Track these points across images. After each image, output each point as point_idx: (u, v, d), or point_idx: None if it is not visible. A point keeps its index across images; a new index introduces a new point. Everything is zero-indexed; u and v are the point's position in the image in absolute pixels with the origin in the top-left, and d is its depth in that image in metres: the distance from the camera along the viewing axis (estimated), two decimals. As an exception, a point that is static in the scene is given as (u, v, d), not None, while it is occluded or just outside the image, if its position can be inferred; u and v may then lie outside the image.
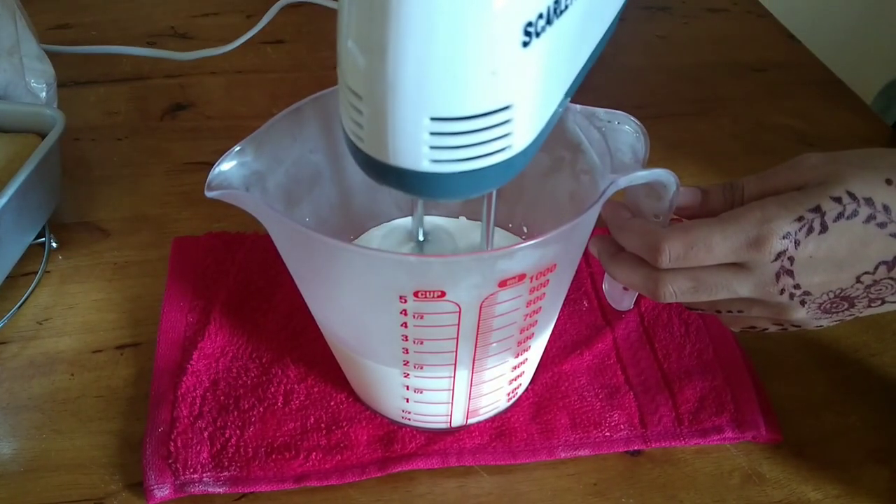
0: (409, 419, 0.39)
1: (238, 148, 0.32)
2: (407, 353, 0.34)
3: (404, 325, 0.32)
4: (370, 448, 0.39)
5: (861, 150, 0.32)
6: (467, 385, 0.36)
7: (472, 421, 0.40)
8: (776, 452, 0.41)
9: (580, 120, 0.35)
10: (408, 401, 0.37)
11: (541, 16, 0.24)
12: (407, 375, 0.35)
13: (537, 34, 0.24)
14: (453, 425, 0.40)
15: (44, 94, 0.53)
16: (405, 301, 0.30)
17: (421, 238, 0.39)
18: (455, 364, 0.34)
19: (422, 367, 0.35)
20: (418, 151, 0.25)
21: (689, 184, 0.35)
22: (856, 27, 1.06)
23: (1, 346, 0.44)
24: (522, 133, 0.26)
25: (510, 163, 0.27)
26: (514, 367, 0.37)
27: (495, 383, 0.37)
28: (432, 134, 0.25)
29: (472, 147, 0.25)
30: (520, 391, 0.41)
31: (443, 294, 0.30)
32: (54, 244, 0.50)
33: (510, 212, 0.42)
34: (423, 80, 0.24)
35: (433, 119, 0.24)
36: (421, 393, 0.37)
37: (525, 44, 0.24)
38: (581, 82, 0.31)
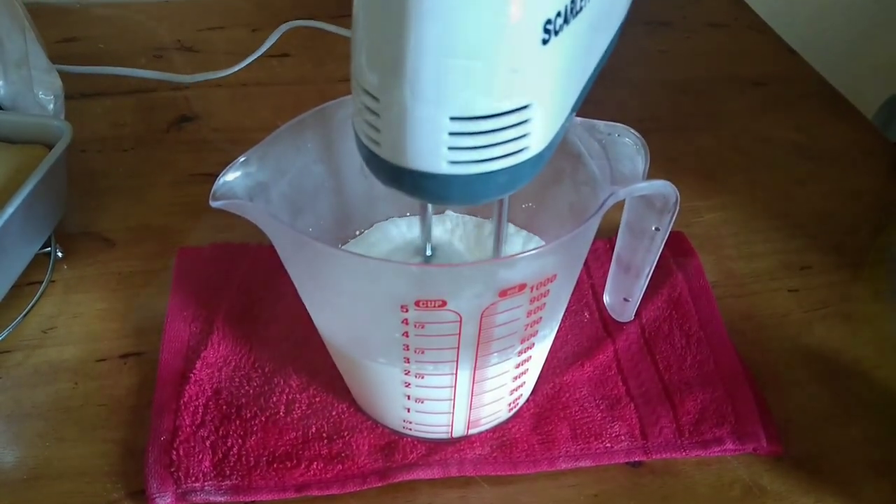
0: (411, 429, 0.40)
1: (243, 159, 0.32)
2: (408, 362, 0.34)
3: (405, 334, 0.32)
4: (371, 458, 0.39)
5: None
6: (468, 395, 0.36)
7: (473, 431, 0.40)
8: (777, 465, 0.41)
9: (580, 132, 0.36)
10: (409, 410, 0.38)
11: (559, 14, 0.24)
12: (408, 385, 0.35)
13: (556, 32, 0.24)
14: (454, 435, 0.40)
15: (51, 105, 0.54)
16: (406, 310, 0.31)
17: (429, 253, 0.39)
18: (456, 373, 0.35)
19: (423, 377, 0.35)
20: (437, 153, 0.25)
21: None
22: (856, 42, 1.07)
23: (6, 355, 0.44)
24: (540, 134, 0.26)
25: (527, 165, 0.27)
26: (515, 378, 0.38)
27: (496, 393, 0.38)
28: (451, 134, 0.24)
29: (491, 147, 0.25)
30: (521, 402, 0.41)
31: (444, 303, 0.30)
32: (60, 254, 0.50)
33: (510, 221, 0.43)
34: (444, 79, 0.23)
35: (453, 119, 0.24)
36: (422, 402, 0.37)
37: (545, 41, 0.24)
38: (587, 93, 0.32)
